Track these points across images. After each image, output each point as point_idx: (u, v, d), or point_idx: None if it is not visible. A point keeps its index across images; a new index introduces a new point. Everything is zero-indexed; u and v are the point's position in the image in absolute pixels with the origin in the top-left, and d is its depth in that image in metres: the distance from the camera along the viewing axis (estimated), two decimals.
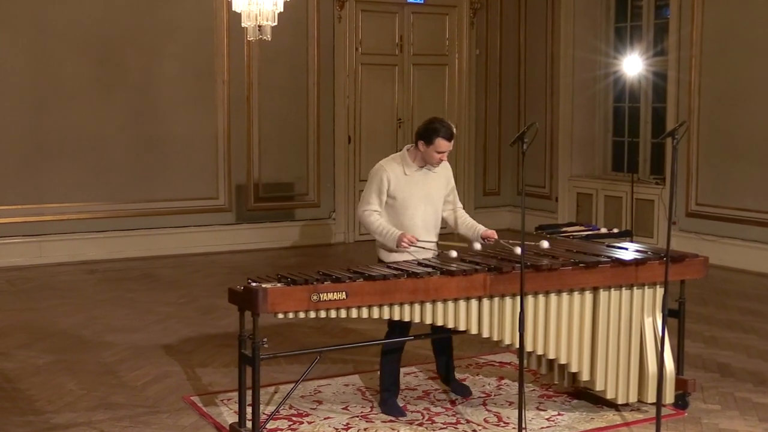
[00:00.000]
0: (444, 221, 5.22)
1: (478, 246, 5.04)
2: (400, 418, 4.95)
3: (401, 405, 5.11)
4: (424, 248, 4.95)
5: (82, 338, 6.61)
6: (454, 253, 4.92)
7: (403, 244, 4.87)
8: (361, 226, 10.88)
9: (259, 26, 7.51)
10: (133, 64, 9.71)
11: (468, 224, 5.20)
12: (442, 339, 5.30)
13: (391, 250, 4.98)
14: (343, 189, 10.79)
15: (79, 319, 7.15)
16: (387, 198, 4.98)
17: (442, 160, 5.01)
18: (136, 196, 9.78)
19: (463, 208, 5.33)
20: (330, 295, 4.37)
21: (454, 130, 5.00)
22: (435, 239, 5.09)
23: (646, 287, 5.03)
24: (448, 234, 5.32)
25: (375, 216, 4.96)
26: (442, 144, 4.93)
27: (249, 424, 4.60)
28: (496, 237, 5.08)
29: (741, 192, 9.17)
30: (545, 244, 5.13)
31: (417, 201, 5.00)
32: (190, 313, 7.40)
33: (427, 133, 4.93)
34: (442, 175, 5.12)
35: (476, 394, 5.36)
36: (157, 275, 8.92)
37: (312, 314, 4.41)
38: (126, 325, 6.98)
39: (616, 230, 6.05)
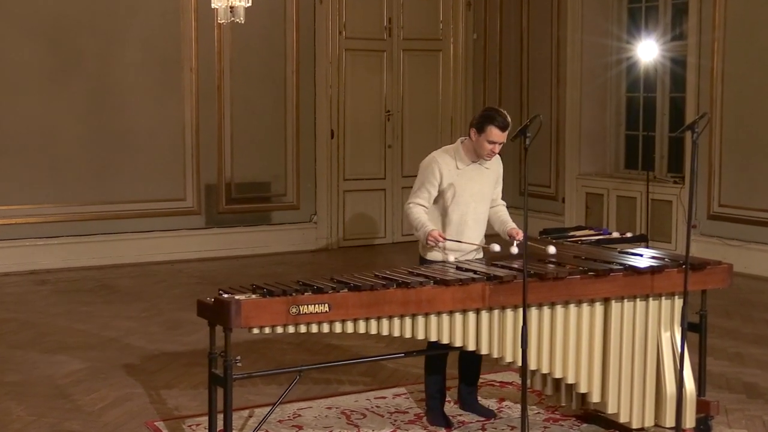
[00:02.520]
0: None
1: (496, 247, 5.11)
2: None
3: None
4: (457, 248, 5.11)
5: (31, 358, 6.58)
6: (496, 247, 5.05)
7: (429, 240, 5.02)
8: (345, 231, 10.90)
9: (231, 7, 7.51)
10: (90, 49, 9.68)
11: (500, 217, 5.38)
12: (472, 358, 5.31)
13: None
14: (325, 189, 10.79)
15: (28, 336, 7.13)
16: (437, 193, 5.14)
17: (493, 153, 5.14)
18: (92, 197, 9.75)
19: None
20: (311, 308, 4.37)
21: (510, 121, 5.10)
22: (482, 238, 5.25)
23: (663, 298, 5.04)
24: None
25: (418, 210, 5.12)
26: (495, 133, 5.04)
27: None
28: (519, 237, 5.15)
29: None
30: (552, 249, 5.14)
31: (468, 198, 5.15)
32: (154, 328, 7.39)
33: (480, 120, 5.08)
34: (494, 171, 5.28)
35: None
36: (116, 286, 8.90)
37: (291, 329, 4.41)
38: (81, 343, 6.96)
39: (629, 234, 6.05)
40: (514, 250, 5.11)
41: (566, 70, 11.06)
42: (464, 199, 5.15)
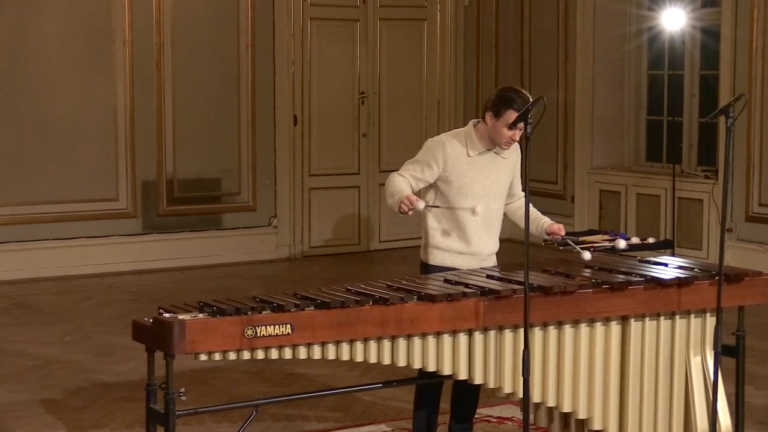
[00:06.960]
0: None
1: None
2: None
3: None
4: (466, 251, 5.19)
5: None
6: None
7: (402, 206, 5.02)
8: (311, 237, 10.89)
9: None
10: None
11: (531, 216, 5.36)
12: (468, 389, 5.32)
13: (440, 248, 5.23)
14: (286, 186, 10.79)
15: None
16: (440, 183, 5.20)
17: (513, 141, 5.23)
18: (3, 197, 9.71)
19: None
20: (270, 329, 4.37)
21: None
22: (496, 240, 5.32)
23: (692, 316, 5.07)
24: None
25: (401, 180, 5.16)
26: (515, 118, 5.05)
27: None
28: (563, 233, 5.28)
29: None
30: (587, 255, 5.18)
31: (479, 191, 5.22)
32: (80, 355, 7.37)
33: (498, 102, 5.14)
34: (510, 161, 5.38)
35: None
36: (33, 305, 8.86)
37: (246, 354, 4.41)
38: None
39: (651, 240, 6.10)
40: (587, 256, 5.17)
41: (576, 43, 11.10)
42: (475, 192, 5.20)
